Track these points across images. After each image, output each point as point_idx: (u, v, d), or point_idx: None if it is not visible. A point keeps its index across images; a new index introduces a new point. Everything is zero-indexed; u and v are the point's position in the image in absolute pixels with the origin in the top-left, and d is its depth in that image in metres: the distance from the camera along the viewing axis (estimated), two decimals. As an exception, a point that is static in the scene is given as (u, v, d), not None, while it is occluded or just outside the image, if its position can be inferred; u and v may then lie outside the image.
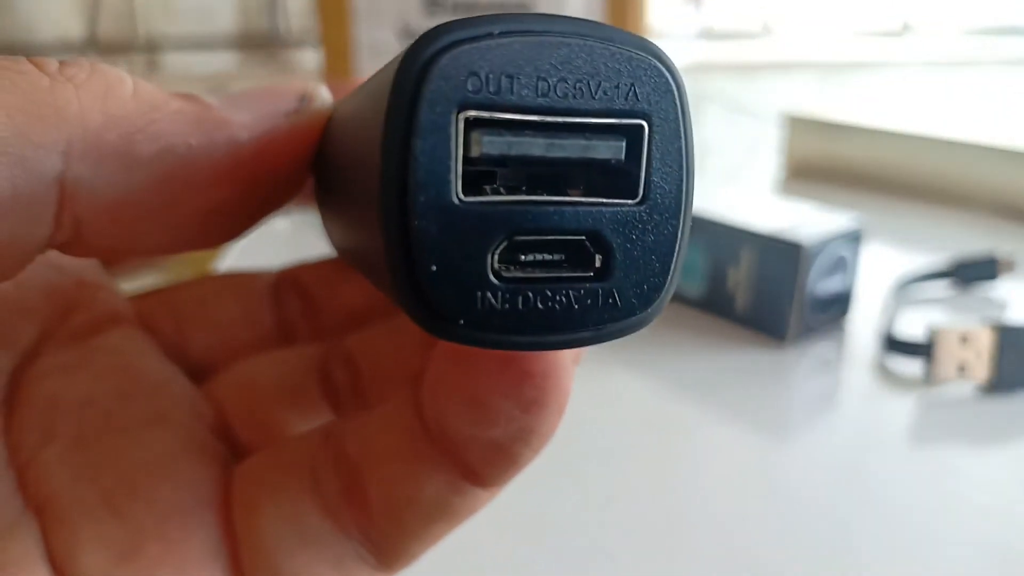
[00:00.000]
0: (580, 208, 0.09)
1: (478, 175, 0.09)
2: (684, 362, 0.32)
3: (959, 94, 0.91)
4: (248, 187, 0.11)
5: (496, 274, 0.09)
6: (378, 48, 0.56)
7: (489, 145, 0.09)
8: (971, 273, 0.39)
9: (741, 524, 0.24)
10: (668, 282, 0.10)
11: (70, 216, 0.10)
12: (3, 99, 0.09)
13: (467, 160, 0.09)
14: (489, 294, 0.09)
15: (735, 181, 0.58)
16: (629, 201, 0.09)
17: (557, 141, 0.09)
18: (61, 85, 0.10)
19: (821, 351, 0.33)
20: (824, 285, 0.33)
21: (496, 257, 0.09)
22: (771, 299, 0.33)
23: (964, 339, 0.29)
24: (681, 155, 0.09)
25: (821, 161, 0.56)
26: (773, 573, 0.22)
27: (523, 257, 0.09)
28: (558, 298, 0.09)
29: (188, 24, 0.99)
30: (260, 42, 1.01)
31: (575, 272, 0.09)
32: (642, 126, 0.09)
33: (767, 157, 0.61)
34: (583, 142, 0.09)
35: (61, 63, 0.10)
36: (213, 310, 0.16)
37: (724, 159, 0.63)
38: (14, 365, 0.13)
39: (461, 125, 0.08)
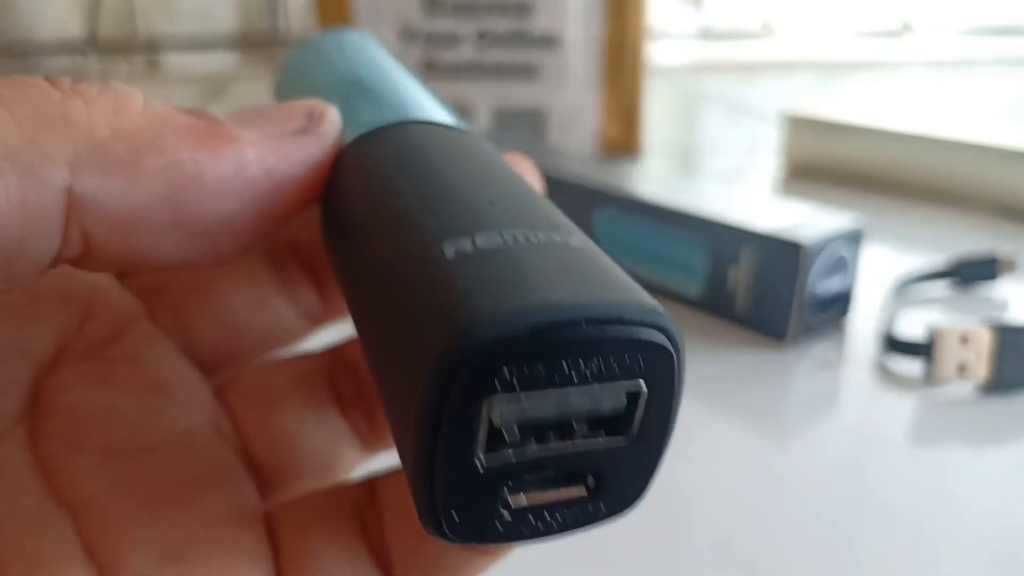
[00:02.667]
0: (582, 450, 0.10)
1: (497, 432, 0.10)
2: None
3: (959, 94, 0.91)
4: (255, 203, 0.12)
5: (506, 506, 0.10)
6: (378, 48, 0.56)
7: (509, 415, 0.10)
8: (971, 273, 0.39)
9: (741, 523, 0.24)
10: (646, 492, 0.12)
11: (78, 228, 0.10)
12: (15, 110, 0.10)
13: (489, 427, 0.10)
14: (497, 522, 0.10)
15: (735, 181, 0.58)
16: (623, 438, 0.11)
17: (567, 402, 0.10)
18: (72, 99, 0.10)
19: (821, 351, 0.33)
20: (824, 285, 0.33)
21: (507, 491, 0.10)
22: (771, 299, 0.33)
23: (964, 339, 0.30)
24: (672, 400, 0.11)
25: (820, 161, 0.56)
26: (772, 572, 0.22)
27: (529, 490, 0.11)
28: (555, 516, 0.11)
29: (188, 24, 0.99)
30: (260, 42, 1.01)
31: (571, 496, 0.11)
32: (641, 386, 0.10)
33: (767, 157, 0.61)
34: (590, 401, 0.10)
35: (75, 80, 0.11)
36: (215, 299, 0.16)
37: (723, 159, 0.63)
38: (34, 374, 0.13)
39: (486, 409, 0.10)
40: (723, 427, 0.28)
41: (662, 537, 0.23)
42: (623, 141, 0.59)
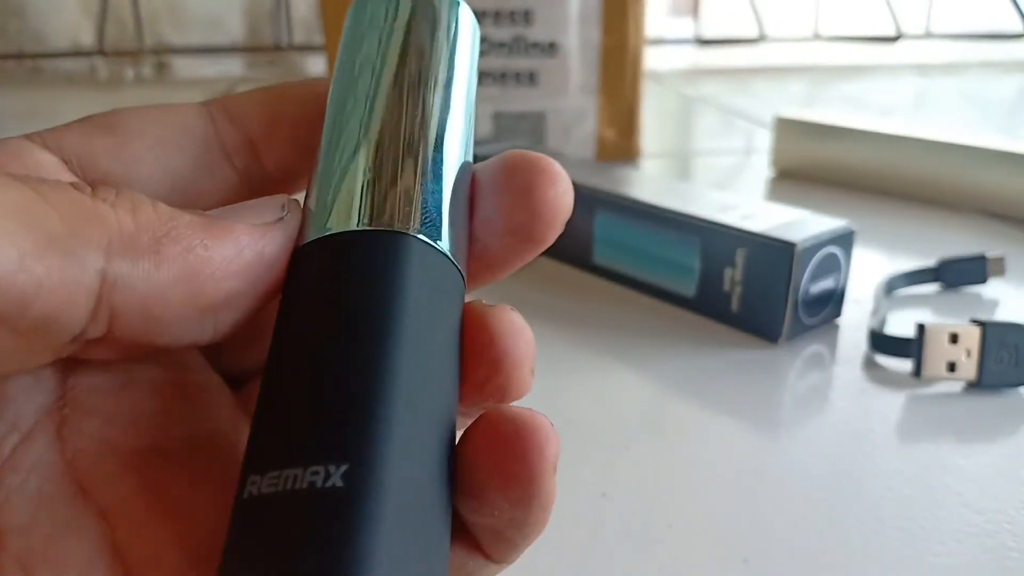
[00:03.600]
0: None
1: None
2: (679, 362, 0.33)
3: (948, 97, 0.92)
4: (252, 281, 0.13)
5: None
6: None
7: None
8: (961, 275, 0.39)
9: (734, 516, 0.24)
10: None
11: (107, 308, 0.12)
12: (57, 205, 0.12)
13: None
14: None
15: (729, 184, 0.59)
16: None
17: None
18: (99, 200, 0.12)
19: (813, 350, 0.34)
20: (817, 286, 0.34)
21: None
22: (764, 299, 0.34)
23: (954, 337, 0.30)
24: None
25: (811, 164, 0.57)
26: (765, 567, 0.23)
27: None
28: None
29: (196, 32, 1.00)
30: (265, 48, 1.02)
31: None
32: None
33: (761, 160, 0.62)
34: None
35: (92, 186, 0.13)
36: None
37: (719, 162, 0.64)
38: (61, 367, 0.14)
39: None
40: (718, 424, 0.29)
41: (656, 532, 0.24)
42: (621, 146, 0.60)
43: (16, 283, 0.11)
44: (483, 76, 0.57)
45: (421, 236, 0.13)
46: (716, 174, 0.61)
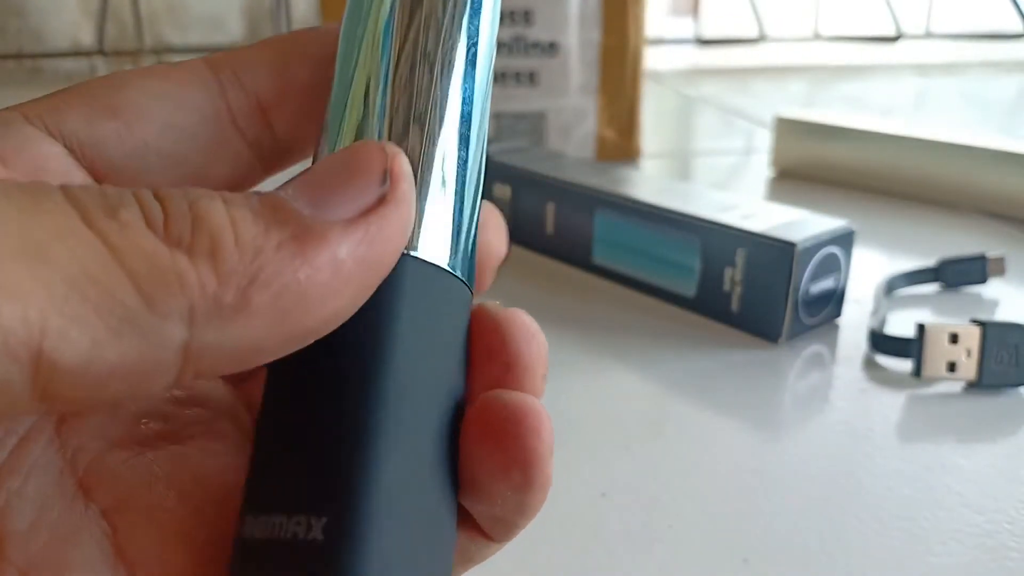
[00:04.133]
0: None
1: None
2: (679, 362, 0.33)
3: (948, 97, 0.92)
4: (353, 294, 0.11)
5: None
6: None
7: None
8: (961, 275, 0.39)
9: (735, 519, 0.24)
10: None
11: (192, 370, 0.11)
12: (128, 264, 0.10)
13: None
14: None
15: (729, 184, 0.59)
16: None
17: None
18: (176, 252, 0.10)
19: (813, 350, 0.34)
20: (817, 285, 0.34)
21: None
22: (765, 299, 0.34)
23: (954, 337, 0.30)
24: None
25: (811, 164, 0.57)
26: (765, 567, 0.23)
27: None
28: None
29: (196, 32, 1.00)
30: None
31: None
32: None
33: (761, 160, 0.62)
34: None
35: (164, 213, 0.10)
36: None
37: (718, 161, 0.64)
38: None
39: None
40: (718, 424, 0.29)
41: (656, 532, 0.24)
42: (621, 145, 0.60)
43: (88, 373, 0.09)
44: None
45: (416, 255, 0.13)
46: (716, 174, 0.61)
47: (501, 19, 0.56)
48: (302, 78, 0.15)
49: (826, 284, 0.35)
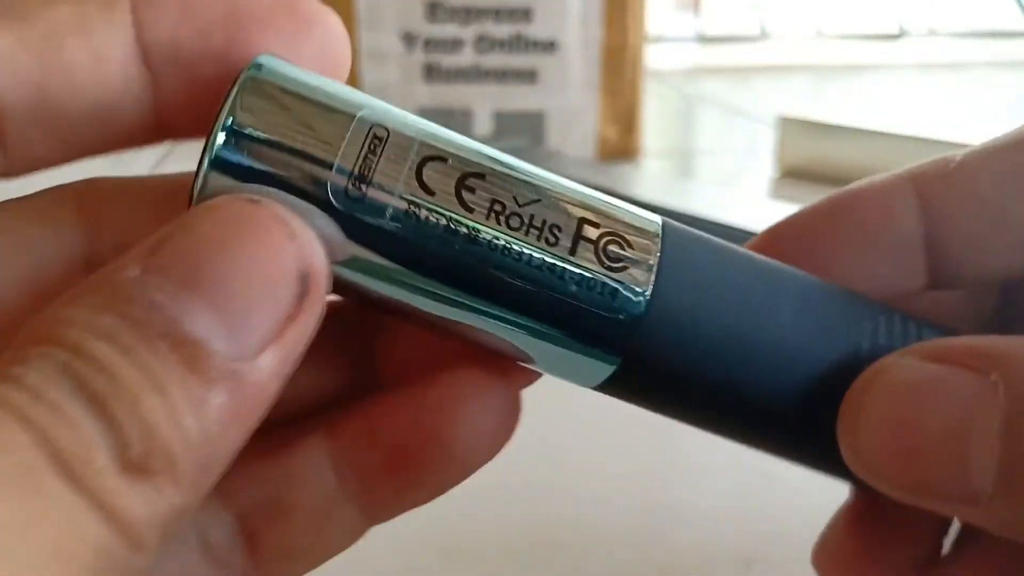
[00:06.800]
0: None
1: None
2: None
3: (953, 96, 0.92)
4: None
5: None
6: (381, 53, 0.56)
7: None
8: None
9: (736, 520, 0.24)
10: None
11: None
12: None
13: None
14: None
15: (732, 183, 0.59)
16: None
17: None
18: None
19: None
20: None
21: None
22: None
23: (955, 337, 0.30)
24: None
25: (815, 163, 0.57)
26: (766, 567, 0.22)
27: None
28: None
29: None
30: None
31: None
32: None
33: (763, 159, 0.62)
34: None
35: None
36: None
37: (721, 161, 0.64)
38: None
39: None
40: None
41: (658, 532, 0.24)
42: (621, 144, 0.60)
43: None
44: (483, 74, 0.57)
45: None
46: (718, 173, 0.61)
47: (501, 17, 0.56)
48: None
49: (828, 283, 0.34)
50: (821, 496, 0.26)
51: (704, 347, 0.13)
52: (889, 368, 0.13)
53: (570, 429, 0.28)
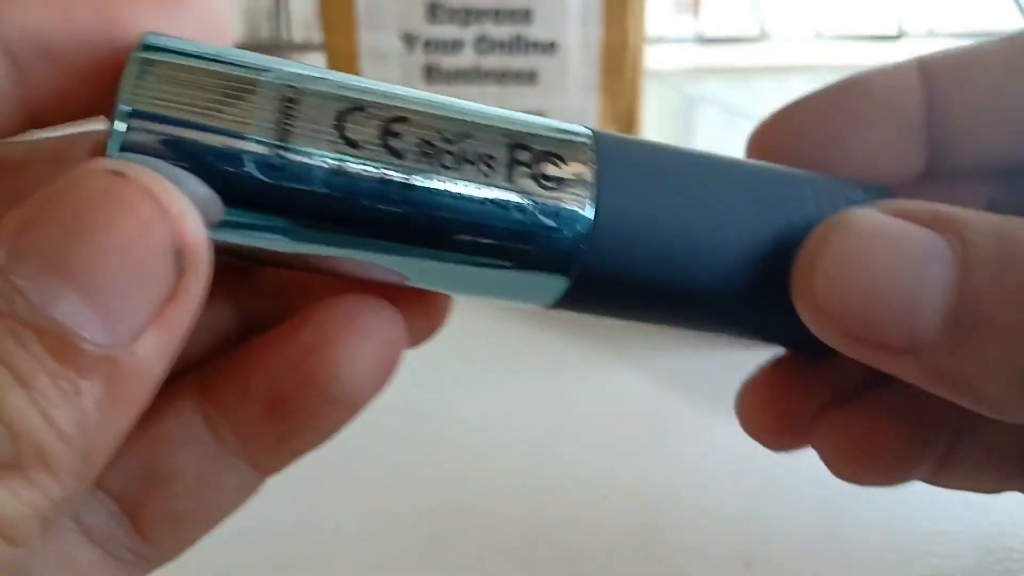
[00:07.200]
0: None
1: None
2: (679, 362, 0.33)
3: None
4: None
5: None
6: (381, 53, 0.57)
7: None
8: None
9: (735, 520, 0.24)
10: None
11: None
12: None
13: None
14: None
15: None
16: None
17: None
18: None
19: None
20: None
21: None
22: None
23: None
24: None
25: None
26: (766, 565, 0.23)
27: None
28: None
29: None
30: (264, 48, 1.02)
31: None
32: None
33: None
34: None
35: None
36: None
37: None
38: None
39: None
40: (718, 424, 0.29)
41: (658, 532, 0.24)
42: (621, 145, 0.60)
43: None
44: (483, 75, 0.57)
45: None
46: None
47: (501, 18, 0.56)
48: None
49: (827, 283, 0.34)
50: (821, 496, 0.26)
51: (651, 251, 0.13)
52: (850, 217, 0.13)
53: (570, 429, 0.28)
